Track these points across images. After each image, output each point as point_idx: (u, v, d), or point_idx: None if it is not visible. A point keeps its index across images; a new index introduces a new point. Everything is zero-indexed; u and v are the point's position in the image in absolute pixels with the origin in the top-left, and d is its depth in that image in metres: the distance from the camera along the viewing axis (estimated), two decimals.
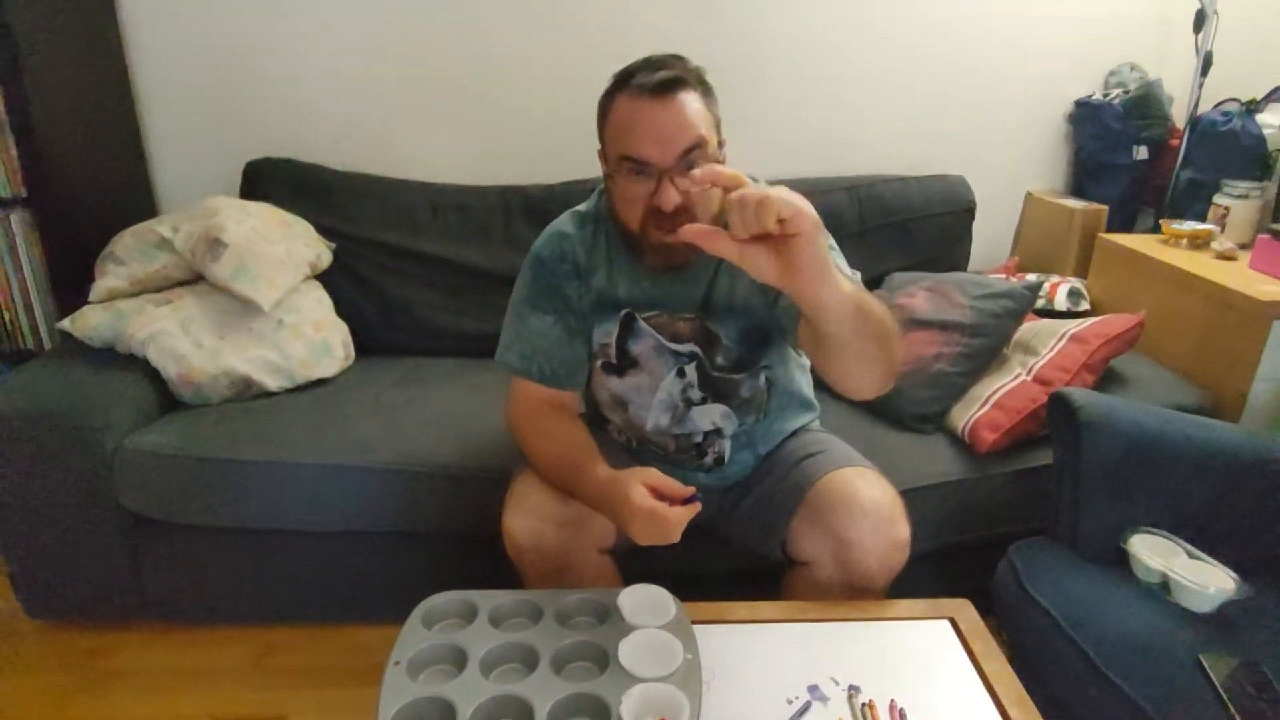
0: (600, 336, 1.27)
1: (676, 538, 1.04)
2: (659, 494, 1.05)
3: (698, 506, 1.05)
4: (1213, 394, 1.69)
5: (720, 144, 1.14)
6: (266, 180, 2.00)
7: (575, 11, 2.07)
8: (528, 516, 1.19)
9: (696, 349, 1.25)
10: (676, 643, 1.01)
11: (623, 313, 1.24)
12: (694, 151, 1.07)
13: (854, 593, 1.19)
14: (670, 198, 1.07)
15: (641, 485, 1.05)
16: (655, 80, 1.07)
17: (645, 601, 1.09)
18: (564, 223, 1.29)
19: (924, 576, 1.38)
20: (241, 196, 1.97)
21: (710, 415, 1.29)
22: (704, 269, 1.22)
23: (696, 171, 0.88)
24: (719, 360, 1.25)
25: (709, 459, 1.33)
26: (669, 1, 2.08)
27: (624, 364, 1.27)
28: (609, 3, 2.07)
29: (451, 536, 1.56)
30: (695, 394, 1.27)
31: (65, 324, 1.68)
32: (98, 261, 1.74)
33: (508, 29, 2.08)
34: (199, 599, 1.67)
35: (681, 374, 1.26)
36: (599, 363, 1.29)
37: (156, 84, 2.08)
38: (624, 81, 1.12)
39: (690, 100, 1.09)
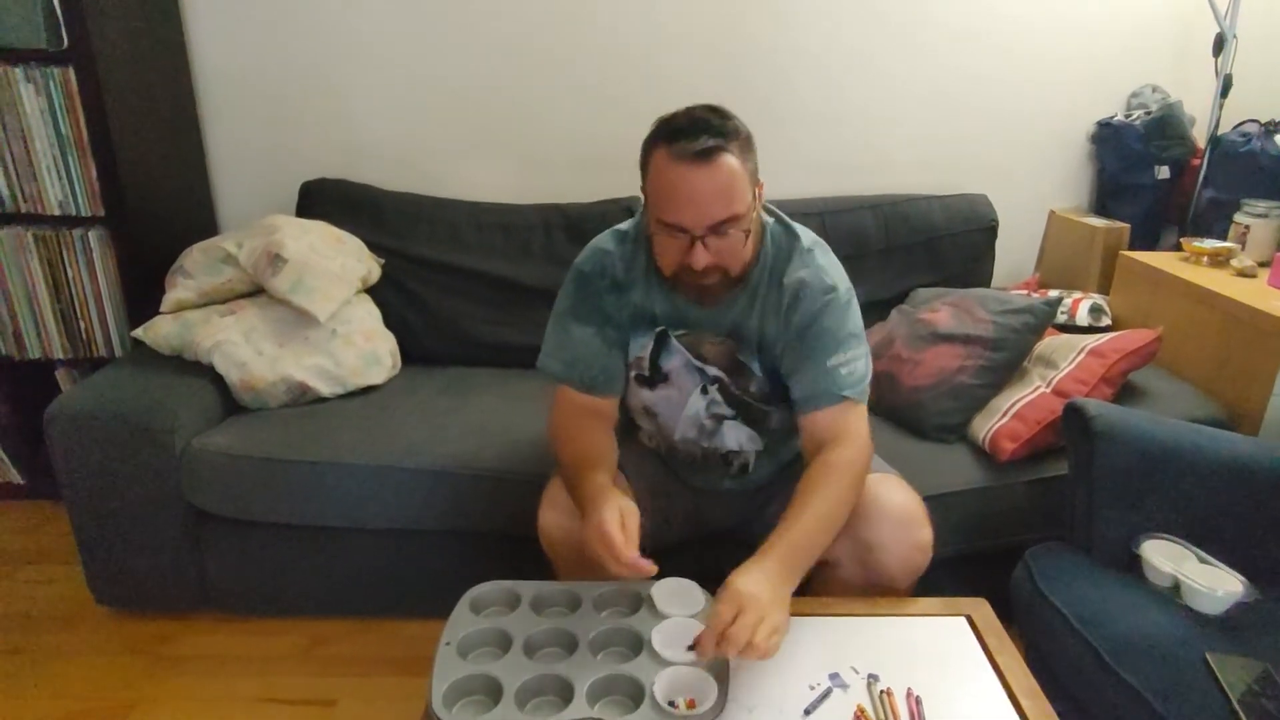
0: (636, 349, 1.33)
1: (607, 566, 1.09)
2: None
3: (649, 570, 1.09)
4: (1231, 408, 1.72)
5: (756, 194, 1.19)
6: (321, 199, 2.12)
7: (609, 43, 2.17)
8: (560, 513, 1.27)
9: (722, 374, 1.30)
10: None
11: (658, 330, 1.31)
12: (728, 222, 1.13)
13: (877, 592, 1.25)
14: (701, 260, 1.14)
15: (619, 513, 1.11)
16: (696, 150, 1.09)
17: (676, 593, 1.16)
18: (605, 240, 1.35)
19: (946, 580, 1.43)
20: (297, 215, 2.09)
21: (739, 436, 1.35)
22: (734, 303, 1.27)
23: (693, 655, 1.02)
24: (751, 389, 1.31)
25: (734, 468, 1.40)
26: (700, 33, 2.17)
27: (655, 377, 1.34)
28: (642, 34, 2.17)
29: (494, 535, 1.64)
30: (726, 410, 1.33)
31: (139, 332, 1.80)
32: (168, 275, 1.87)
33: (546, 59, 2.19)
34: (256, 591, 1.77)
35: (705, 391, 1.32)
36: (633, 374, 1.36)
37: (220, 111, 2.22)
38: (668, 138, 1.13)
39: (729, 166, 1.11)
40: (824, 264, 1.27)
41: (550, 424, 1.38)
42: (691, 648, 1.03)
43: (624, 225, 1.37)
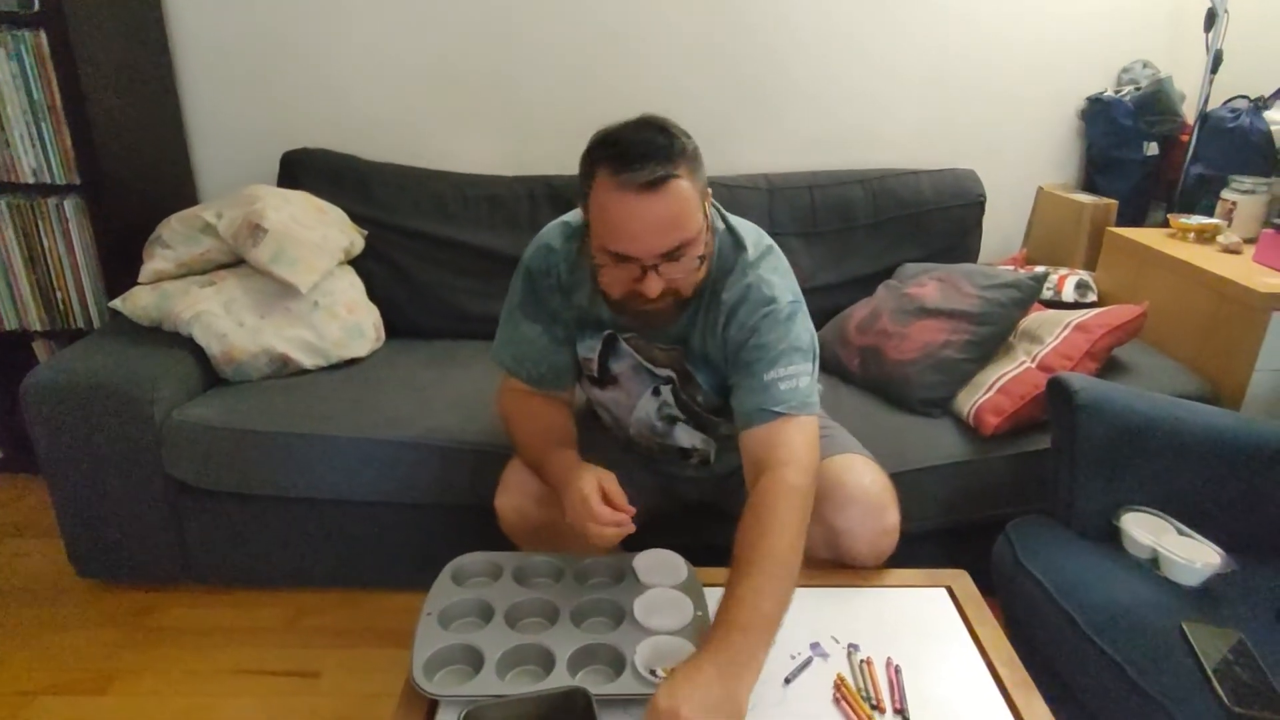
0: (584, 351, 1.29)
1: (595, 535, 1.08)
2: (608, 499, 1.10)
3: (630, 529, 1.09)
4: (1214, 383, 1.73)
5: (705, 208, 1.13)
6: (303, 169, 2.08)
7: (598, 10, 2.14)
8: (512, 495, 1.27)
9: (673, 376, 1.27)
10: (687, 600, 1.08)
11: (605, 333, 1.26)
12: (681, 248, 1.07)
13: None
14: (655, 288, 1.08)
15: (596, 480, 1.10)
16: (642, 181, 1.02)
17: (659, 564, 1.16)
18: (552, 235, 1.28)
19: (929, 554, 1.43)
20: (279, 185, 2.05)
21: (693, 438, 1.34)
22: (677, 318, 1.21)
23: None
24: (699, 399, 1.28)
25: (694, 460, 1.39)
26: (689, 7, 2.13)
27: (605, 379, 1.31)
28: (630, 5, 2.13)
29: (477, 508, 1.60)
30: (678, 412, 1.31)
31: (117, 303, 1.78)
32: (146, 245, 1.83)
33: (534, 28, 2.15)
34: (238, 563, 1.76)
35: (657, 393, 1.29)
36: (583, 374, 1.34)
37: (199, 78, 2.17)
38: (611, 164, 1.04)
39: (679, 192, 1.05)
40: (765, 275, 1.19)
41: (500, 406, 1.35)
42: None
43: (571, 217, 1.28)
